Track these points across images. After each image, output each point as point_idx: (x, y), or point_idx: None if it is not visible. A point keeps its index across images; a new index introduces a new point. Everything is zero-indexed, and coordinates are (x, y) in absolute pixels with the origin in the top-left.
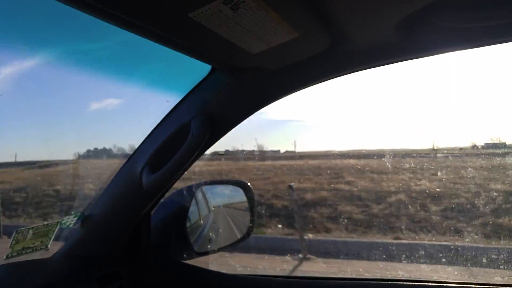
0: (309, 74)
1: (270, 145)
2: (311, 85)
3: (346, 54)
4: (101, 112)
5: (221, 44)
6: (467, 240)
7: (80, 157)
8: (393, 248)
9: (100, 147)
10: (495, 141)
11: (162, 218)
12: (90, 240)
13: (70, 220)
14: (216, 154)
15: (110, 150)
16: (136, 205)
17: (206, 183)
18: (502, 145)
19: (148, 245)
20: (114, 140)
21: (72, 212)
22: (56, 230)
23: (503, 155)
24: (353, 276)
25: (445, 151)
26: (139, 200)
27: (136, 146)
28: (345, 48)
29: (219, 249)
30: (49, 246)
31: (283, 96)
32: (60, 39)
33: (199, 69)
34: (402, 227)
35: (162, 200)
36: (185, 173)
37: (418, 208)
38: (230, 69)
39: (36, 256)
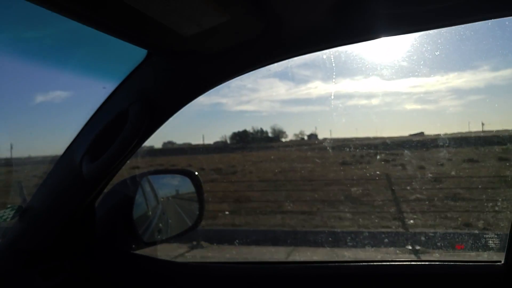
0: (246, 59)
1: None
2: (250, 71)
3: (281, 39)
4: (39, 103)
5: (152, 26)
6: None
7: (14, 148)
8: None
9: (36, 137)
10: None
11: (107, 208)
12: (30, 233)
13: (6, 214)
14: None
15: (47, 139)
16: (78, 195)
17: (151, 173)
18: None
19: (94, 236)
20: (52, 129)
21: (8, 206)
22: None
23: None
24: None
25: None
26: (81, 190)
27: (74, 135)
28: (280, 33)
29: (168, 239)
30: None
31: (223, 82)
32: None
33: (135, 54)
34: None
35: (106, 190)
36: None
37: None
38: (166, 53)
39: None
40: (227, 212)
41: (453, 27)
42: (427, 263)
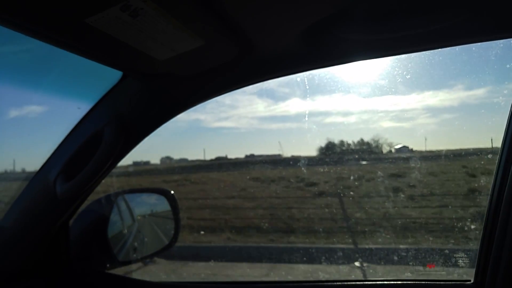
0: (221, 82)
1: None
2: (223, 93)
3: (255, 63)
4: (10, 120)
5: (127, 51)
6: None
7: None
8: None
9: (8, 155)
10: None
11: (81, 228)
12: (1, 253)
13: None
14: None
15: (19, 159)
16: (51, 215)
17: (127, 192)
18: None
19: (68, 256)
20: (24, 148)
21: None
22: None
23: None
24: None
25: None
26: (54, 210)
27: (48, 155)
28: (254, 57)
29: (143, 258)
30: None
31: (197, 104)
32: None
33: (110, 76)
34: None
35: (80, 210)
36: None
37: None
38: (140, 75)
39: None
40: None
41: None
42: (399, 282)
